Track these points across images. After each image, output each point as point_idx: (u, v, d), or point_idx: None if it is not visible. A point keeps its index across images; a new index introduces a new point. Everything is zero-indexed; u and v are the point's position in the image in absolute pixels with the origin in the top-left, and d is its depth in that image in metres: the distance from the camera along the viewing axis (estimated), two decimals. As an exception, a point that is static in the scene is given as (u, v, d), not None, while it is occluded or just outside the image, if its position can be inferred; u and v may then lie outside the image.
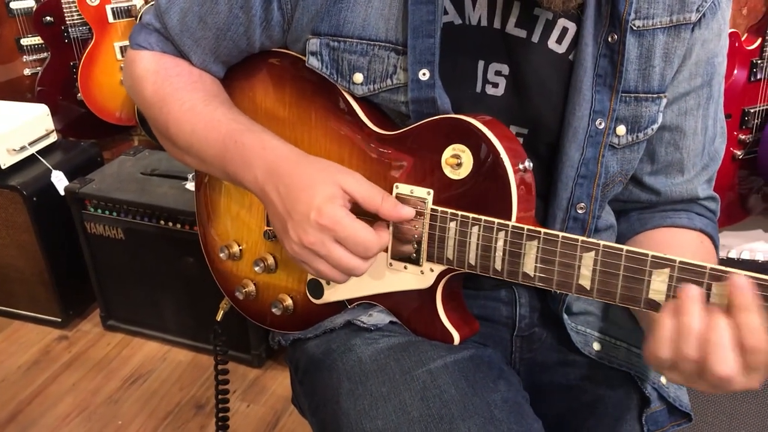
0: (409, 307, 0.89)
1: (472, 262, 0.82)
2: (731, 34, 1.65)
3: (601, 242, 0.75)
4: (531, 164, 0.82)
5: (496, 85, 0.87)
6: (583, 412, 0.91)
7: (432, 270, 0.85)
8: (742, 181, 1.82)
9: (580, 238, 0.76)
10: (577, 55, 0.84)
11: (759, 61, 1.67)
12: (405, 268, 0.87)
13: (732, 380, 0.66)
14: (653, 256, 0.73)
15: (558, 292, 0.91)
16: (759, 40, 1.67)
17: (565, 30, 0.85)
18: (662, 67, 0.86)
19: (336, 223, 0.78)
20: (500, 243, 0.80)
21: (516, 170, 0.80)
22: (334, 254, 0.79)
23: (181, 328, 2.10)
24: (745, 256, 1.75)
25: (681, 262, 0.71)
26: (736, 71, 1.69)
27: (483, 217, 0.81)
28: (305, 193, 0.79)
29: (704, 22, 0.85)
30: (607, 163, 0.88)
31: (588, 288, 0.76)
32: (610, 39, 0.83)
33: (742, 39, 1.68)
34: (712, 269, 0.70)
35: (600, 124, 0.85)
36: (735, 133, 1.74)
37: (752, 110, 1.71)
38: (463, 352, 0.84)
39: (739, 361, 0.66)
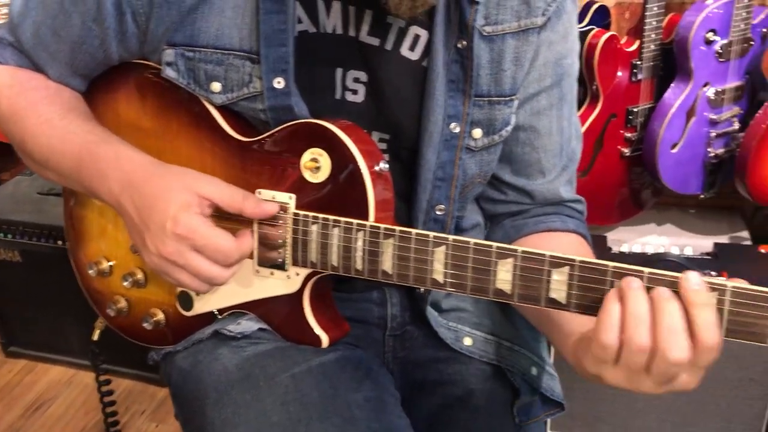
0: (278, 313, 0.89)
1: (335, 263, 0.83)
2: (611, 37, 1.72)
3: (451, 237, 0.77)
4: (387, 166, 0.83)
5: (355, 92, 0.88)
6: (456, 407, 0.93)
7: (298, 274, 0.86)
8: (632, 178, 1.90)
9: (432, 233, 0.78)
10: (429, 61, 0.87)
11: (638, 62, 1.74)
12: (272, 273, 0.87)
13: (683, 368, 0.64)
14: (498, 247, 0.75)
15: (423, 290, 0.93)
16: (637, 42, 1.74)
17: (417, 37, 0.87)
18: (513, 71, 0.89)
19: (192, 231, 0.78)
20: (360, 243, 0.81)
21: (371, 172, 0.82)
22: (193, 264, 0.79)
23: (86, 350, 2.03)
24: (636, 249, 1.82)
25: (523, 251, 0.74)
26: (619, 72, 1.77)
27: (343, 219, 0.82)
28: (160, 202, 0.79)
29: (550, 25, 0.89)
30: (465, 165, 0.91)
31: (441, 282, 0.78)
32: (459, 45, 0.85)
33: (622, 42, 1.76)
34: (551, 257, 0.73)
35: (455, 128, 0.88)
36: (621, 131, 1.81)
37: (636, 109, 1.79)
38: (330, 355, 0.85)
39: (691, 349, 0.64)
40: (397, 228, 0.79)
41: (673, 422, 1.72)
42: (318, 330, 0.87)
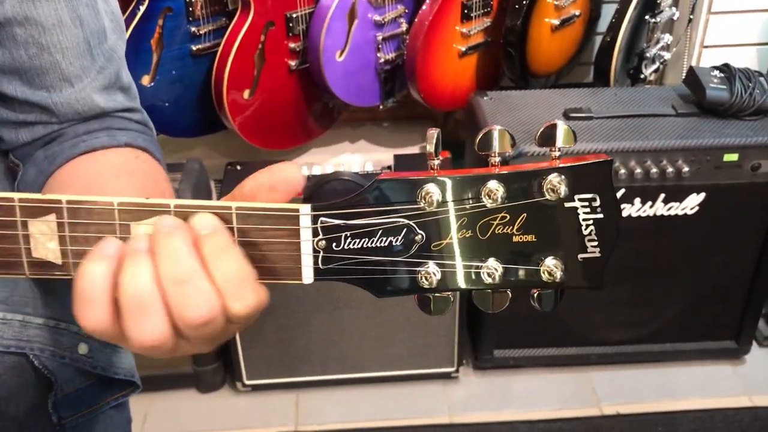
0: None
1: None
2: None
3: None
4: None
5: None
6: None
7: None
8: (309, 93, 1.73)
9: None
10: None
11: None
12: None
13: (220, 319, 0.48)
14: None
15: None
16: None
17: None
18: None
19: None
20: None
21: None
22: None
23: None
24: (317, 171, 1.67)
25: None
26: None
27: None
28: None
29: None
30: None
31: None
32: None
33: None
34: (21, 200, 0.49)
35: None
36: (284, 42, 1.62)
37: (294, 15, 1.60)
38: None
39: (215, 291, 0.48)
40: None
41: (371, 347, 1.65)
42: None
